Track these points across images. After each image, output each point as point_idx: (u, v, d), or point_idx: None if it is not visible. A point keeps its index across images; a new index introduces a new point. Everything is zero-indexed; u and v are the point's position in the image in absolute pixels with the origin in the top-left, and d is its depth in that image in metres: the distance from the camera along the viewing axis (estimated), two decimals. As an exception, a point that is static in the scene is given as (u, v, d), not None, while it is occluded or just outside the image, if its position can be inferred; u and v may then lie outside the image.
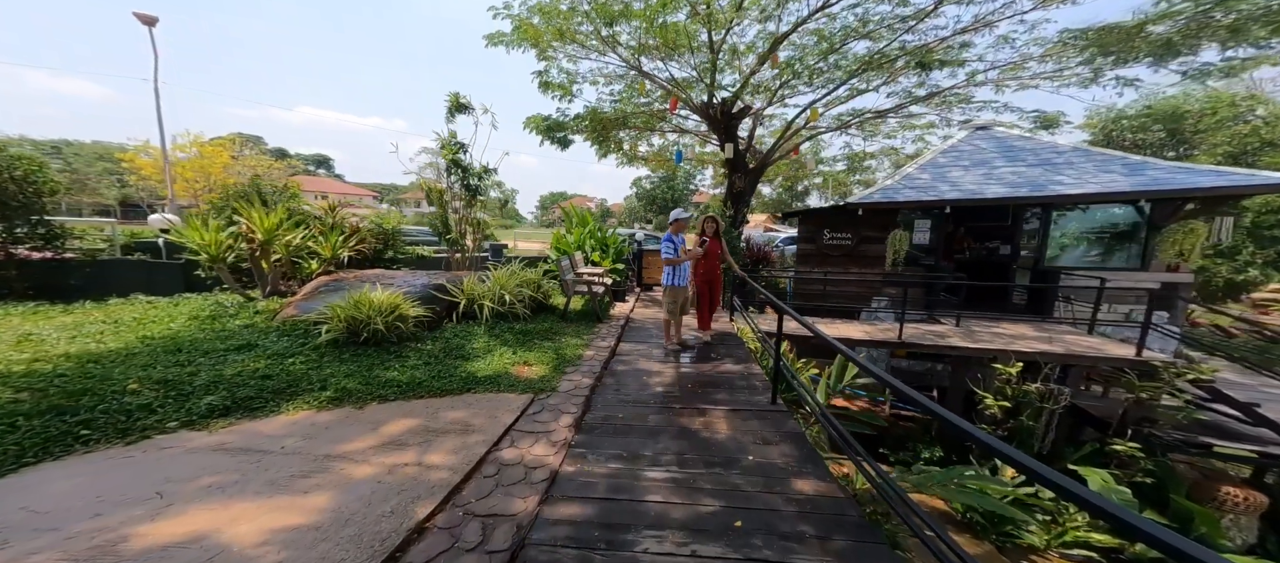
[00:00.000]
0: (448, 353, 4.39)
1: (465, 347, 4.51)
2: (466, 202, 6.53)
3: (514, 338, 5.00)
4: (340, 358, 4.09)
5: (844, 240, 8.79)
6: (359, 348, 4.29)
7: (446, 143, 6.15)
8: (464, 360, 4.23)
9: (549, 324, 5.95)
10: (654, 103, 12.38)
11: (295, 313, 4.72)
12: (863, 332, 6.90)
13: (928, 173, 8.13)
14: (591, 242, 8.80)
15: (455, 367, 4.09)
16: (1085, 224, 7.57)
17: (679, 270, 5.55)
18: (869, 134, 14.06)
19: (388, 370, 3.89)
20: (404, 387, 3.65)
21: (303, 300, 4.84)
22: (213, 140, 22.26)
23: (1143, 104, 13.89)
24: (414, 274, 5.42)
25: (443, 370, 4.00)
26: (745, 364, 5.18)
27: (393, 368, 3.97)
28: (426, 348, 4.43)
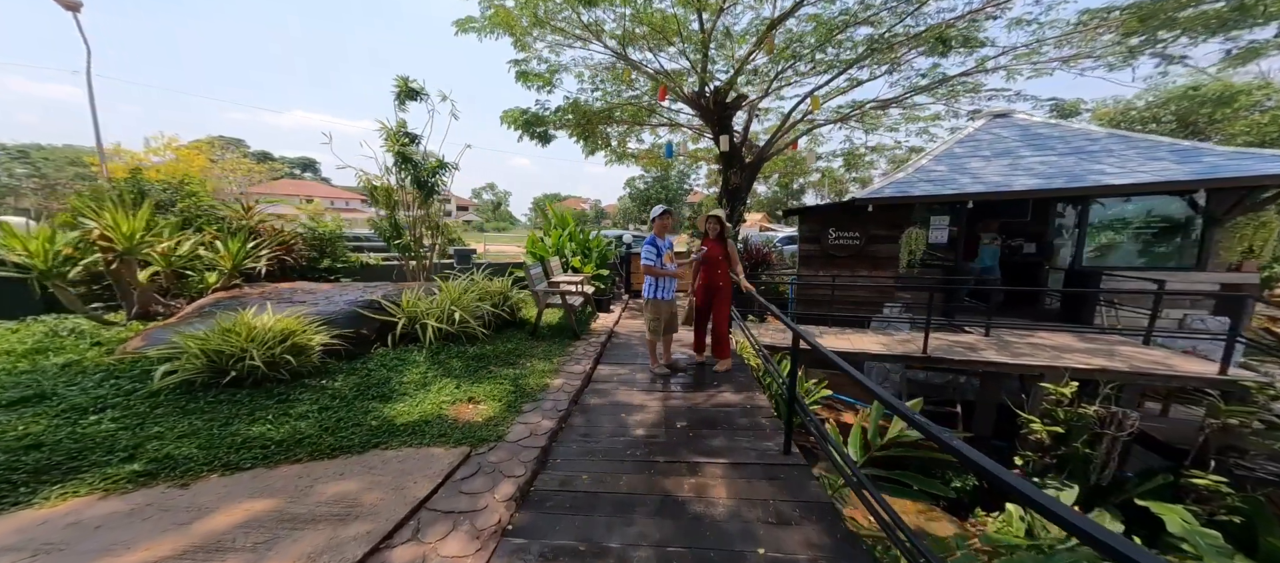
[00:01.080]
0: (363, 392, 3.43)
1: (392, 381, 3.57)
2: (420, 201, 5.58)
3: (463, 366, 4.06)
4: (186, 409, 3.06)
5: (851, 240, 7.92)
6: (224, 392, 3.25)
7: (392, 133, 5.21)
8: (383, 401, 3.28)
9: (514, 344, 5.01)
10: (643, 97, 11.52)
11: (143, 345, 3.69)
12: (879, 344, 6.01)
13: (944, 165, 7.30)
14: (571, 245, 7.88)
15: (367, 412, 3.14)
16: (1126, 219, 6.75)
17: (663, 282, 4.63)
18: (870, 127, 13.28)
19: (256, 424, 2.90)
20: (274, 447, 2.66)
21: (172, 325, 3.73)
22: (190, 143, 21.24)
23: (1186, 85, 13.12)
24: (347, 288, 4.48)
25: (345, 418, 3.05)
26: (747, 393, 4.26)
27: (265, 420, 2.98)
28: (334, 386, 3.46)
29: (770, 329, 6.72)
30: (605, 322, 6.95)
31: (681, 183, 21.01)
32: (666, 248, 4.65)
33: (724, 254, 4.59)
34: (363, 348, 3.94)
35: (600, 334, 6.20)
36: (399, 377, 3.59)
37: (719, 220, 4.62)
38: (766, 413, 3.80)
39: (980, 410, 6.30)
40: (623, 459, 3.02)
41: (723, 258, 4.59)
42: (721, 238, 4.62)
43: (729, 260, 4.58)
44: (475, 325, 4.57)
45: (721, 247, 4.59)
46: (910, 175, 7.30)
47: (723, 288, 4.63)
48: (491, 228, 65.67)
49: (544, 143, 11.06)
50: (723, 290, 4.64)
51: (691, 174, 21.38)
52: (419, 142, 5.51)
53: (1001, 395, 6.18)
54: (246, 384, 3.32)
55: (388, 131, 5.21)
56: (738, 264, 4.55)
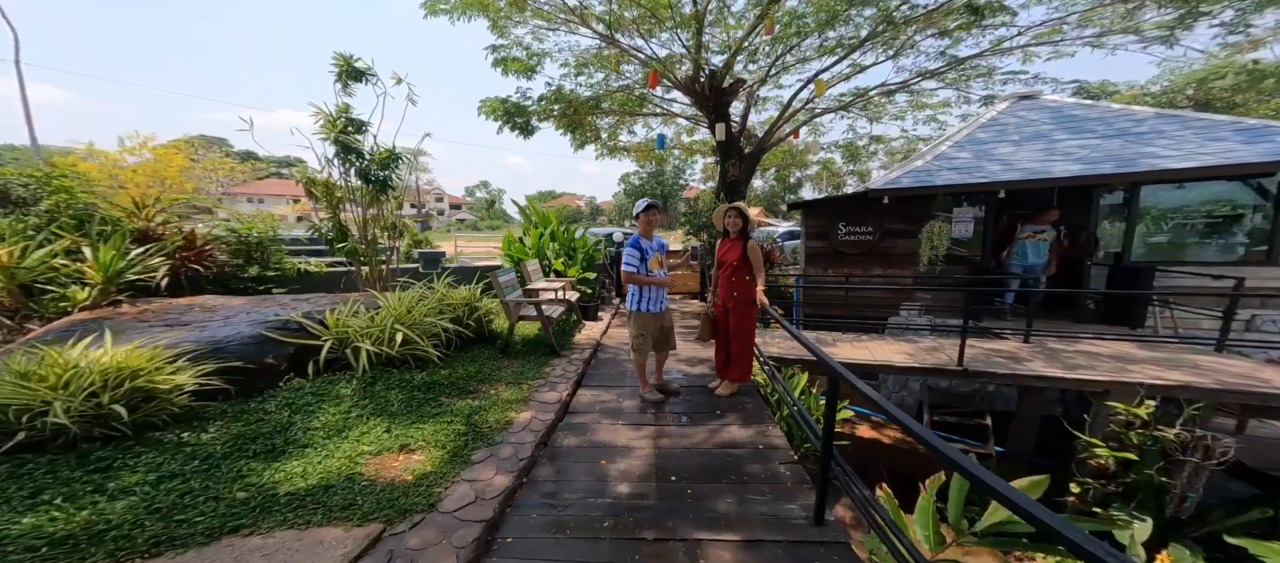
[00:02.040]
0: (242, 447, 2.56)
1: (294, 428, 2.76)
2: (370, 198, 4.76)
3: (403, 399, 3.24)
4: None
5: (864, 236, 7.14)
6: (5, 461, 2.32)
7: (331, 119, 4.38)
8: (269, 459, 2.44)
9: (478, 366, 4.21)
10: (634, 87, 10.72)
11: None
12: (902, 353, 5.25)
13: (967, 151, 6.53)
14: (553, 246, 7.07)
15: (237, 477, 2.33)
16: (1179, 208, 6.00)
17: (649, 291, 3.82)
18: (874, 116, 12.53)
19: (37, 510, 1.99)
20: (47, 548, 1.79)
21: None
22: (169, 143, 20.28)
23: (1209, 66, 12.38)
24: (265, 303, 3.65)
25: (197, 490, 2.19)
26: (757, 426, 3.48)
27: (54, 503, 2.06)
28: (199, 441, 2.59)
29: (776, 336, 5.94)
30: (592, 332, 6.15)
31: (677, 178, 20.19)
32: (655, 250, 3.84)
33: (743, 258, 3.72)
34: (267, 382, 3.09)
35: (585, 348, 5.41)
36: (307, 420, 2.76)
37: (741, 215, 3.76)
38: (784, 456, 3.02)
39: (1019, 425, 5.55)
40: (598, 535, 2.22)
41: (742, 262, 3.74)
42: (744, 234, 3.76)
43: (750, 266, 3.71)
44: (426, 346, 3.75)
45: (741, 247, 3.74)
46: (930, 163, 6.53)
47: (740, 299, 3.80)
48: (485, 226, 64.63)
49: (526, 135, 10.26)
50: (739, 302, 3.81)
51: (687, 169, 20.51)
52: (366, 130, 4.69)
53: (1045, 409, 5.44)
54: (52, 447, 2.41)
55: (325, 117, 4.38)
56: (761, 271, 3.69)
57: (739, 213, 3.80)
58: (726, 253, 3.88)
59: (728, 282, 3.86)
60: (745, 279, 3.77)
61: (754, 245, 3.74)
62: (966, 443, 6.31)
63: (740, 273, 3.78)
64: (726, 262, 3.85)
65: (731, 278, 3.83)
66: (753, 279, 3.73)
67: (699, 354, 5.39)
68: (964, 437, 6.42)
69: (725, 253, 3.89)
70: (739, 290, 3.81)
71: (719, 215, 3.96)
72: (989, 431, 6.21)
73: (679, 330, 6.19)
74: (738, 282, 3.81)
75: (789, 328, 3.57)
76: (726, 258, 3.85)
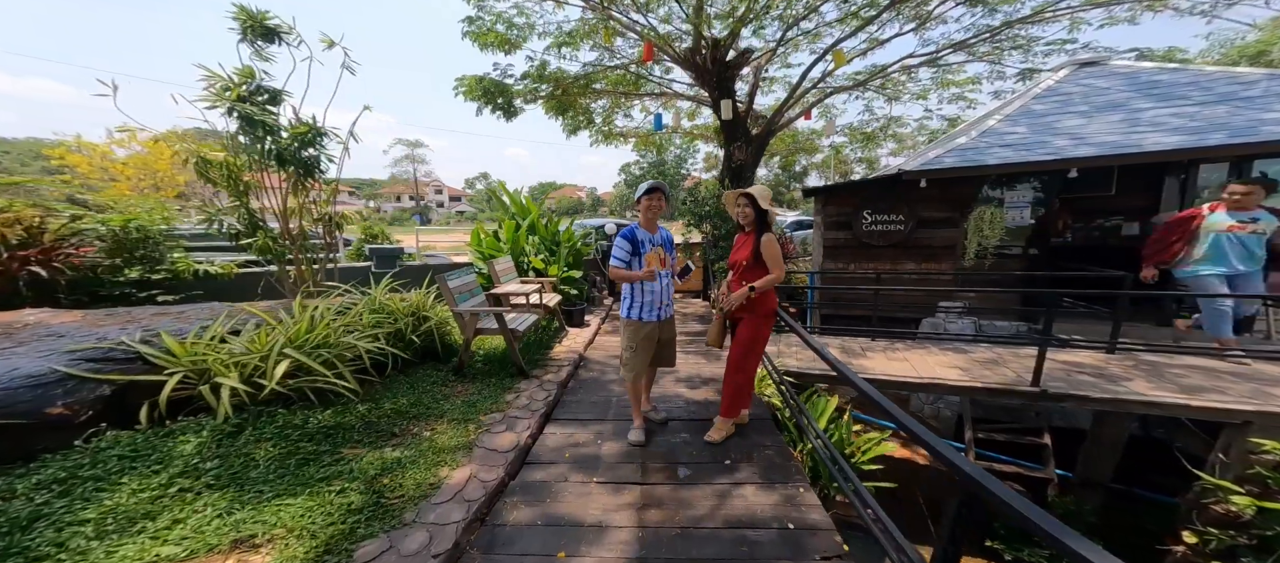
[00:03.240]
0: None
1: (47, 521, 1.73)
2: (292, 182, 3.80)
3: (277, 455, 2.26)
4: None
5: (893, 225, 6.14)
6: None
7: (231, 83, 3.41)
8: None
9: (415, 396, 3.26)
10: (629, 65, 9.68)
11: None
12: (953, 367, 4.26)
13: (1022, 125, 5.49)
14: (533, 240, 6.09)
15: None
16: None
17: (648, 295, 2.90)
18: (892, 95, 11.44)
19: None
20: None
21: None
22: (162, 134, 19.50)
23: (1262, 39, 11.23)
24: (110, 319, 2.68)
25: None
26: (782, 486, 2.52)
27: None
28: None
29: (793, 345, 4.96)
30: (575, 342, 5.19)
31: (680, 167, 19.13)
32: (657, 243, 2.92)
33: (755, 256, 2.75)
34: (58, 440, 2.10)
35: (563, 364, 4.45)
36: (81, 506, 1.79)
37: (753, 201, 2.78)
38: (828, 547, 2.05)
39: (1095, 448, 4.58)
40: None
41: (754, 262, 2.76)
42: (764, 223, 2.78)
43: (765, 266, 2.74)
44: (328, 377, 2.78)
45: (753, 242, 2.76)
46: (976, 140, 5.50)
47: (764, 308, 2.84)
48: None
49: (509, 116, 9.25)
50: (762, 312, 2.85)
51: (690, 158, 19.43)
52: (282, 100, 3.71)
53: (1129, 431, 4.46)
54: None
55: (217, 81, 3.40)
56: (778, 269, 2.72)
57: (749, 200, 2.81)
58: (738, 250, 2.92)
59: (739, 286, 2.89)
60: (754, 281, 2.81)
61: (771, 240, 2.75)
62: (1020, 465, 5.34)
63: (754, 274, 2.81)
64: (736, 263, 2.87)
65: (743, 281, 2.86)
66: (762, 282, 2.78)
67: (701, 372, 4.43)
68: (1016, 458, 5.44)
69: (737, 251, 2.93)
70: (766, 301, 2.85)
71: (730, 201, 2.98)
72: (1048, 451, 5.23)
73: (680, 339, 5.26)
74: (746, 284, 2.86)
75: (816, 346, 2.60)
76: (737, 258, 2.89)
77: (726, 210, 3.08)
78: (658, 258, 2.94)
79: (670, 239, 3.09)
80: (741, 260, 2.83)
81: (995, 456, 5.44)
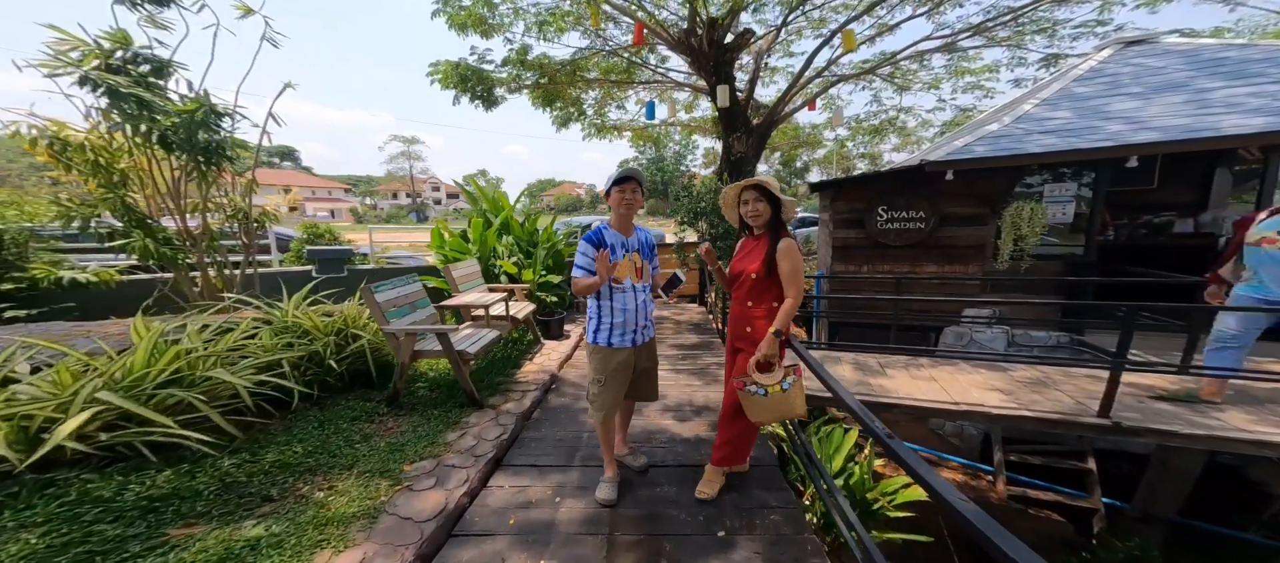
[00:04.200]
0: None
1: None
2: (188, 169, 3.10)
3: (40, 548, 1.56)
4: None
5: (913, 223, 5.45)
6: None
7: (94, 48, 2.71)
8: None
9: (320, 438, 2.57)
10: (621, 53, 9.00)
11: None
12: (993, 390, 3.58)
13: (1065, 109, 4.80)
14: (506, 241, 5.38)
15: None
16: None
17: (618, 310, 2.25)
18: (902, 84, 10.74)
19: None
20: None
21: None
22: None
23: None
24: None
25: None
26: None
27: None
28: None
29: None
30: (551, 357, 4.50)
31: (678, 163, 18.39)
32: (631, 248, 2.25)
33: (767, 268, 2.06)
34: None
35: (531, 386, 3.76)
36: None
37: (767, 195, 2.09)
38: None
39: (1161, 479, 3.90)
40: None
41: (766, 276, 2.07)
42: (773, 232, 2.09)
43: (779, 283, 2.06)
44: (169, 426, 2.06)
45: (765, 251, 2.07)
46: (1010, 127, 4.81)
47: (754, 336, 2.14)
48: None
49: (489, 106, 8.54)
50: (752, 339, 2.14)
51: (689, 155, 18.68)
52: (170, 73, 3.01)
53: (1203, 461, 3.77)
54: None
55: (72, 44, 2.69)
56: (796, 287, 2.02)
57: (763, 193, 2.10)
58: (743, 259, 2.21)
59: (742, 308, 2.20)
60: (771, 304, 2.11)
61: (792, 248, 2.05)
62: (1059, 492, 4.64)
63: (764, 294, 2.12)
64: (743, 275, 2.16)
65: (748, 301, 2.17)
66: (780, 304, 2.07)
67: (694, 398, 3.73)
68: (1055, 484, 4.75)
69: (742, 259, 2.21)
70: (759, 321, 2.14)
71: (730, 200, 2.28)
72: (1093, 477, 4.53)
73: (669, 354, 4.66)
74: (758, 307, 2.15)
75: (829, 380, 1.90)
76: (743, 267, 2.17)
77: (726, 210, 2.35)
78: (632, 267, 2.25)
79: (651, 242, 2.40)
80: (749, 273, 2.12)
81: (1030, 481, 4.74)
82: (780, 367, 2.06)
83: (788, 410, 2.06)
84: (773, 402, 2.04)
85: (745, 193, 2.15)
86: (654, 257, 2.41)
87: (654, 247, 2.41)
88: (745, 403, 2.10)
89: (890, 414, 3.76)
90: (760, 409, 2.07)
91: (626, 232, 2.26)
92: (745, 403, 2.10)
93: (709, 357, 4.81)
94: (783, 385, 2.03)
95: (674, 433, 3.16)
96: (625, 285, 2.22)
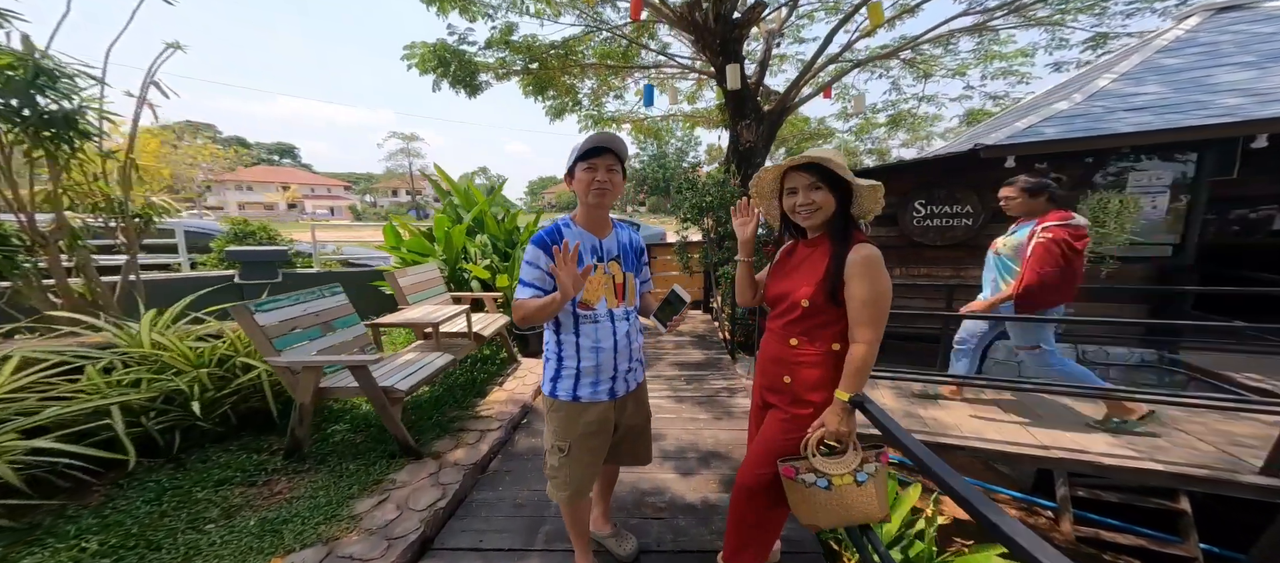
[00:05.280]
0: None
1: None
2: (28, 145, 2.32)
3: None
4: None
5: (956, 219, 4.63)
6: None
7: None
8: None
9: (138, 520, 1.77)
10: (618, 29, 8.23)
11: None
12: (1096, 432, 2.74)
13: (1153, 83, 3.98)
14: (480, 241, 4.57)
15: None
16: None
17: (586, 349, 1.45)
18: (924, 70, 9.90)
19: None
20: None
21: None
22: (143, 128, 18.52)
23: None
24: None
25: None
26: None
27: None
28: None
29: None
30: (526, 380, 3.68)
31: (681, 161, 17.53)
32: (612, 253, 1.48)
33: (830, 288, 1.24)
34: None
35: (495, 421, 2.95)
36: None
37: (827, 177, 1.27)
38: None
39: None
40: None
41: (824, 301, 1.26)
42: (838, 232, 1.29)
43: (851, 312, 1.24)
44: None
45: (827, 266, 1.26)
46: (1082, 105, 3.99)
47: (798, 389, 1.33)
48: None
49: (471, 93, 7.74)
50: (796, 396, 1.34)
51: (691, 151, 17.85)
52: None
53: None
54: None
55: None
56: (874, 326, 1.21)
57: (822, 175, 1.28)
58: (787, 275, 1.41)
59: (782, 347, 1.39)
60: (830, 347, 1.28)
61: (871, 260, 1.24)
62: (1142, 535, 3.80)
63: (820, 332, 1.31)
64: (786, 299, 1.36)
65: (792, 338, 1.35)
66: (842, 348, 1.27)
67: (701, 438, 2.92)
68: (1136, 525, 3.92)
69: (785, 276, 1.42)
70: (808, 370, 1.33)
71: (766, 187, 1.49)
72: (1188, 520, 3.70)
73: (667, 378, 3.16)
74: (809, 348, 1.33)
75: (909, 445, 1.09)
76: (787, 288, 1.37)
77: (760, 202, 1.53)
78: (609, 283, 1.46)
79: (639, 245, 1.60)
80: (798, 299, 1.31)
81: (1104, 520, 3.89)
82: (855, 448, 1.25)
83: (861, 512, 1.26)
84: (840, 498, 1.24)
85: (792, 176, 1.34)
86: (644, 266, 1.61)
87: (643, 250, 1.61)
88: (795, 496, 1.30)
89: (953, 456, 2.95)
90: (817, 509, 1.27)
91: (600, 230, 1.46)
92: (795, 496, 1.30)
93: (717, 378, 4.00)
94: (856, 477, 1.22)
95: (675, 495, 2.35)
96: (598, 311, 1.42)
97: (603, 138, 1.38)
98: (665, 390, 3.71)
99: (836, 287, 1.24)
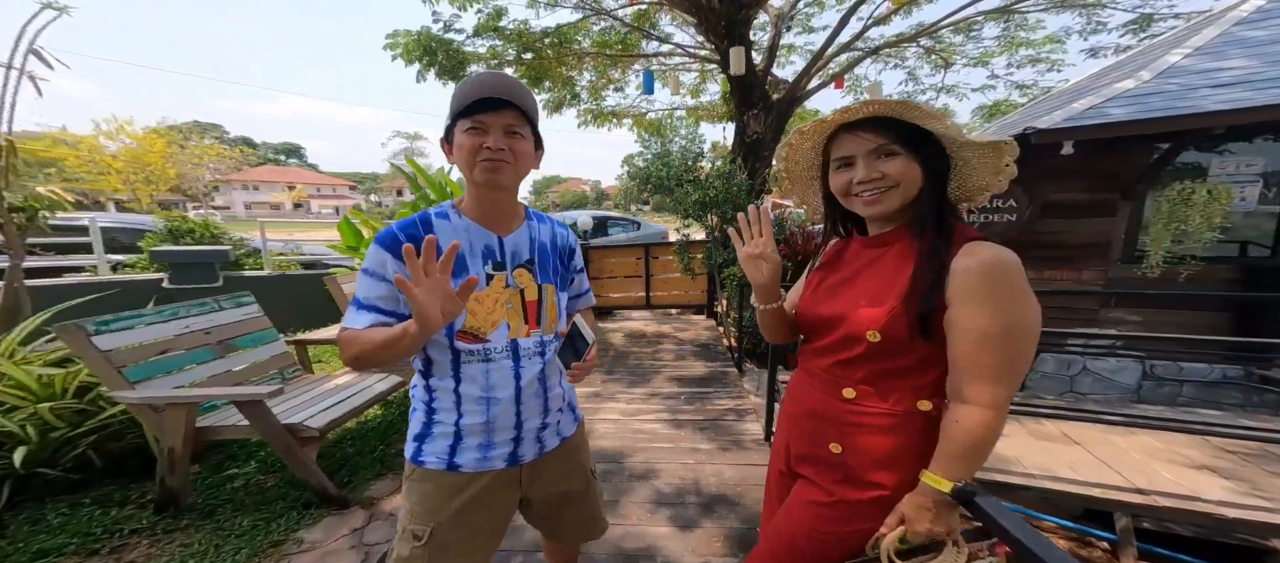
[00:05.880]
0: None
1: None
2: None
3: None
4: None
5: (1001, 214, 4.04)
6: None
7: None
8: None
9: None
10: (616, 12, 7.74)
11: None
12: (1206, 469, 2.18)
13: (1237, 58, 3.40)
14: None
15: None
16: None
17: (473, 388, 0.91)
18: (942, 60, 9.30)
19: None
20: None
21: None
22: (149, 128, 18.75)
23: None
24: None
25: None
26: None
27: None
28: None
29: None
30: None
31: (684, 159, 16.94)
32: (521, 257, 0.93)
33: (919, 312, 0.71)
34: None
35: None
36: None
37: (902, 136, 0.75)
38: None
39: None
40: None
41: (906, 331, 0.72)
42: (926, 225, 0.76)
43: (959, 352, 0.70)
44: None
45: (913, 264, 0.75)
46: (1153, 82, 3.42)
47: (848, 460, 0.81)
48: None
49: (458, 82, 7.30)
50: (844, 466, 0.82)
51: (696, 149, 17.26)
52: None
53: None
54: None
55: None
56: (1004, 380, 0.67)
57: (897, 134, 0.75)
58: (837, 291, 0.85)
59: (832, 398, 0.84)
60: (912, 406, 0.74)
61: (1001, 265, 0.68)
62: None
63: (898, 380, 0.76)
64: (838, 328, 0.81)
65: (847, 385, 0.80)
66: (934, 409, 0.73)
67: (703, 473, 2.36)
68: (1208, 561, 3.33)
69: (833, 292, 0.86)
70: (875, 436, 0.78)
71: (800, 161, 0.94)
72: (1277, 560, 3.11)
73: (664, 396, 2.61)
74: (878, 403, 0.78)
75: None
76: (840, 309, 0.81)
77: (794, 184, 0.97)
78: (515, 302, 0.92)
79: (570, 244, 1.08)
80: (860, 328, 0.77)
81: (1174, 556, 3.28)
82: (957, 545, 0.72)
83: None
84: None
85: (844, 139, 0.81)
86: (577, 275, 1.11)
87: (573, 251, 1.07)
88: None
89: (1017, 496, 2.39)
90: None
91: (499, 223, 0.93)
92: None
93: (723, 397, 3.44)
94: None
95: (669, 555, 1.80)
96: (493, 343, 0.89)
97: (495, 83, 0.83)
98: (662, 413, 3.17)
99: (932, 311, 0.70)
